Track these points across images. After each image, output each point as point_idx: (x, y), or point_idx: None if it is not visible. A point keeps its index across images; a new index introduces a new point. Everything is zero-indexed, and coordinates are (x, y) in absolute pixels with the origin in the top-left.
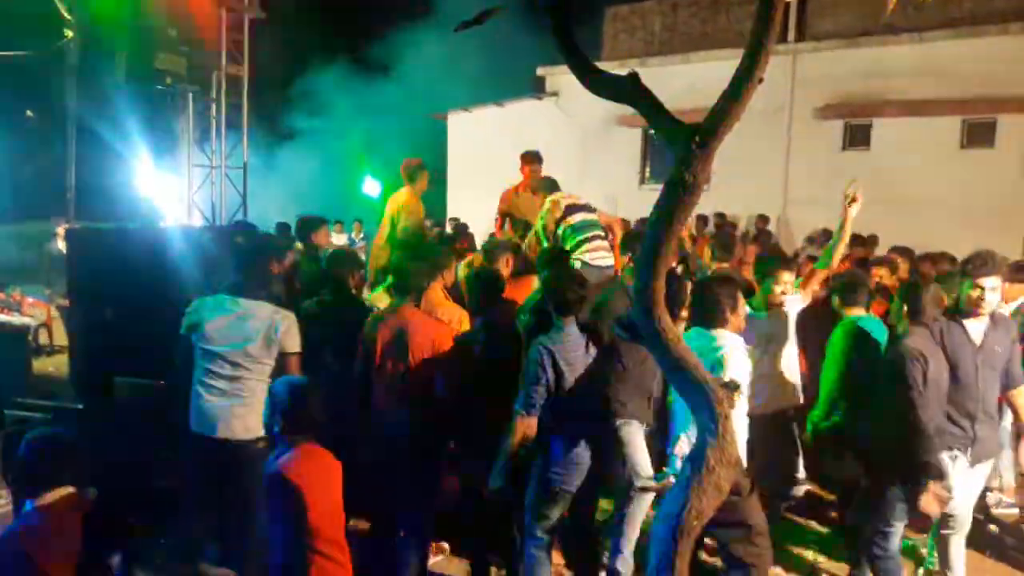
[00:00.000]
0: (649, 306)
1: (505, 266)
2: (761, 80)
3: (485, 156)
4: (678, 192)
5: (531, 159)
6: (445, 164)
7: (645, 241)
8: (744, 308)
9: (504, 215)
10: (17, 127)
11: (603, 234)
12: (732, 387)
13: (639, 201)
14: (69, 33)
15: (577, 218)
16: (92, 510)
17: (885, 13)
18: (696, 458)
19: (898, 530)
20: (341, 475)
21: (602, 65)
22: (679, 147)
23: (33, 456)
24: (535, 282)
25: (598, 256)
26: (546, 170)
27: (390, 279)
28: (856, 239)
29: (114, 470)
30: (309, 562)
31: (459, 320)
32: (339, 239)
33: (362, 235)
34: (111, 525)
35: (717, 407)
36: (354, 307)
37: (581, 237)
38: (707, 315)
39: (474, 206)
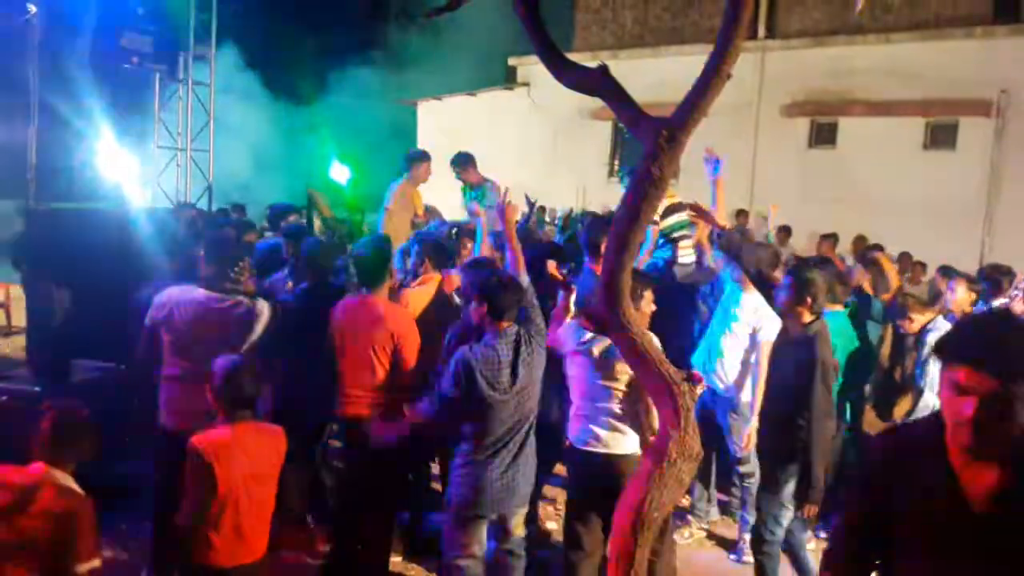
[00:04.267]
0: (615, 298)
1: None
2: (729, 76)
3: (455, 145)
4: (645, 186)
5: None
6: None
7: (612, 235)
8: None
9: None
10: None
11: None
12: (694, 380)
13: (608, 193)
14: (32, 8)
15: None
16: None
17: (855, 13)
18: (658, 450)
19: None
20: (277, 460)
21: (572, 57)
22: (647, 141)
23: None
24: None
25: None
26: (517, 160)
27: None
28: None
29: None
30: (197, 530)
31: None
32: None
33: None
34: None
35: (680, 400)
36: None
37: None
38: None
39: (443, 195)
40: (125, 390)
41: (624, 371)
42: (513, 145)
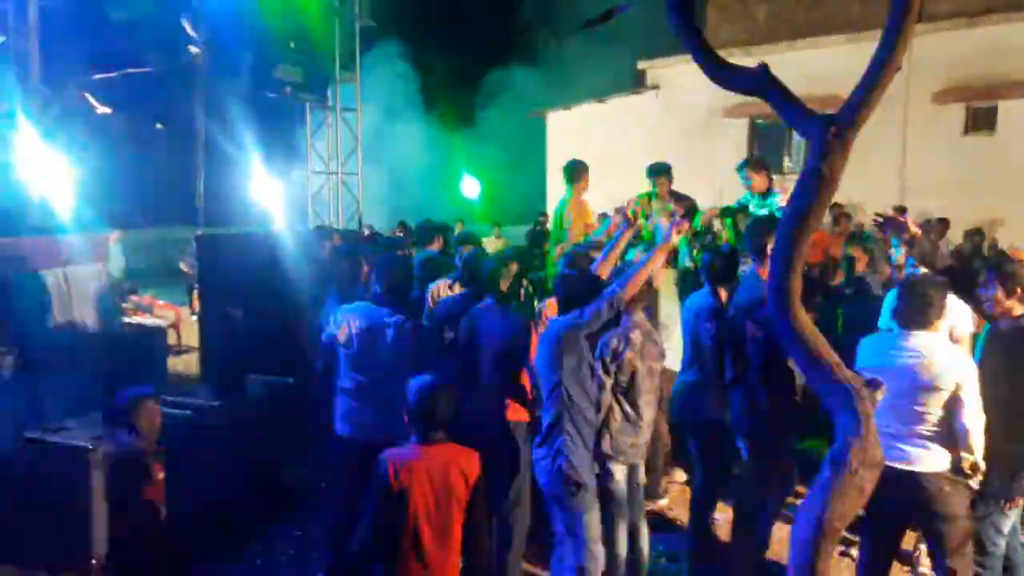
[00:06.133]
0: (786, 302)
1: None
2: (899, 67)
3: (585, 152)
4: (814, 185)
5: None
6: (544, 162)
7: (779, 236)
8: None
9: None
10: (147, 139)
11: None
12: (874, 386)
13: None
14: (194, 49)
15: None
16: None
17: None
18: (838, 459)
19: None
20: (462, 486)
21: None
22: (814, 138)
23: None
24: None
25: None
26: (648, 164)
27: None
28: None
29: (249, 463)
30: (375, 556)
31: None
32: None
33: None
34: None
35: (860, 407)
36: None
37: None
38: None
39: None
40: (297, 402)
41: (940, 389)
42: (643, 149)
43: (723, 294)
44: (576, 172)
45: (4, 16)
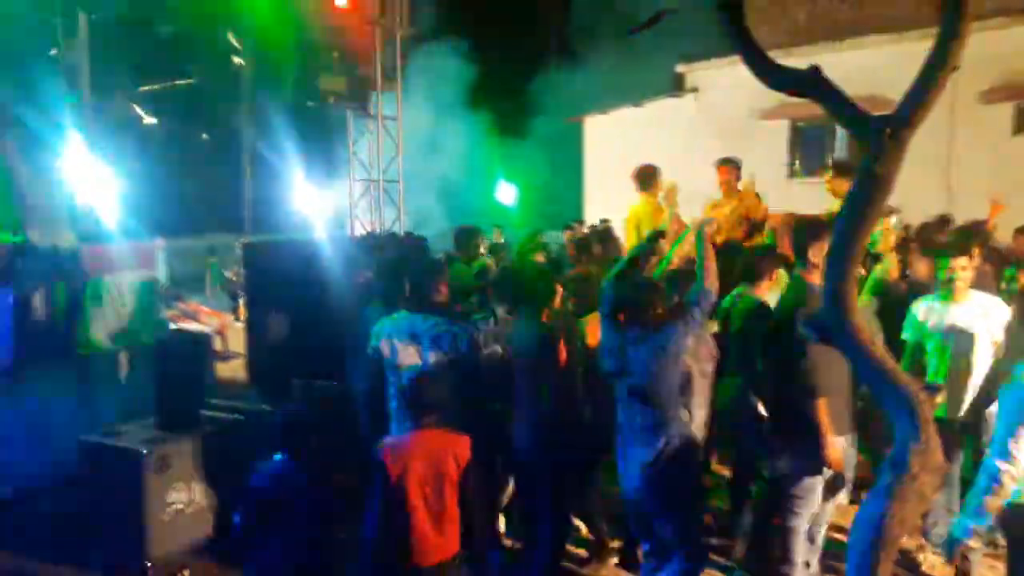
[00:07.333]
0: (842, 306)
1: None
2: (956, 67)
3: (623, 157)
4: (869, 186)
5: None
6: (582, 167)
7: (835, 238)
8: None
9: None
10: (192, 149)
11: None
12: (934, 390)
13: (788, 196)
14: (239, 61)
15: None
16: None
17: None
18: (898, 464)
19: None
20: (453, 467)
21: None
22: (869, 139)
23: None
24: None
25: None
26: (686, 167)
27: None
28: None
29: None
30: (388, 531)
31: None
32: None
33: (502, 241)
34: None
35: (919, 411)
36: None
37: None
38: None
39: (611, 209)
40: (341, 407)
41: None
42: (681, 152)
43: (761, 294)
44: (648, 178)
45: (54, 29)
